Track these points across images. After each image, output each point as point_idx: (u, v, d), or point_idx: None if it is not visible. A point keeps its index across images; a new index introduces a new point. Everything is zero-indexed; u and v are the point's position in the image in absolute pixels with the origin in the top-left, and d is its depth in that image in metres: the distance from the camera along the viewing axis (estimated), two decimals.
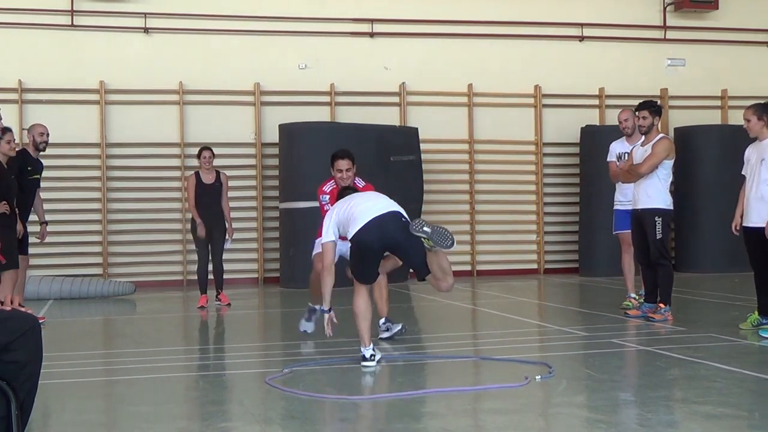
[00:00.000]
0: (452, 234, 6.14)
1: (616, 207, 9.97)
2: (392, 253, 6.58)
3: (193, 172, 11.34)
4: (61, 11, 14.03)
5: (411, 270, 6.41)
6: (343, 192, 7.13)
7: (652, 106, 8.96)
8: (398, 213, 6.48)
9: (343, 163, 7.59)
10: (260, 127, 14.54)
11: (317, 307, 7.60)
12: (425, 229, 6.02)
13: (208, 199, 10.88)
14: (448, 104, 15.27)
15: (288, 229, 13.47)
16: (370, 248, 6.43)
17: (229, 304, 10.89)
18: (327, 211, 7.04)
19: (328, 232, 6.58)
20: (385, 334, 7.72)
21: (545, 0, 15.67)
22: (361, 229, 6.36)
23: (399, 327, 7.81)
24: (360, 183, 7.80)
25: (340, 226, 6.57)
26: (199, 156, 11.08)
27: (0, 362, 3.73)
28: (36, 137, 9.70)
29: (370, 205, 6.51)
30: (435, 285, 6.66)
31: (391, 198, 6.77)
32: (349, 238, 6.47)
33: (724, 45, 16.28)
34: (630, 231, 9.29)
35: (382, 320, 7.75)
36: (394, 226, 6.38)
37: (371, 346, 6.49)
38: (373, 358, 6.44)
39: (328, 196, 7.66)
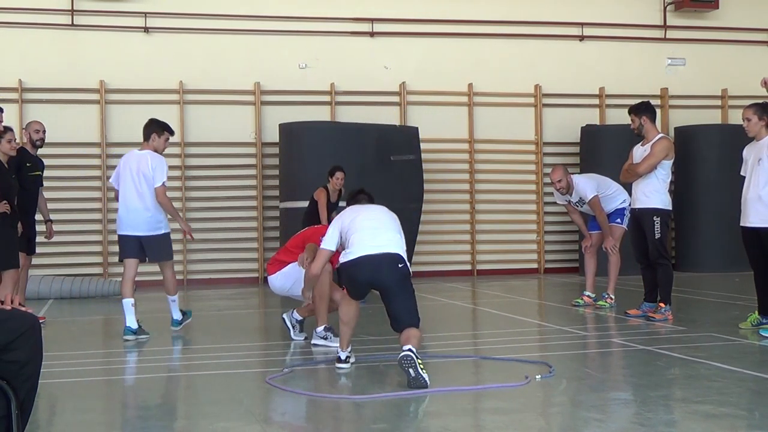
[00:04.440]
0: (428, 383, 5.68)
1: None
2: (381, 293, 6.32)
3: (322, 186, 10.99)
4: (61, 11, 14.03)
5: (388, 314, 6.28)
6: (356, 195, 6.99)
7: (636, 109, 9.02)
8: (396, 256, 6.20)
9: (341, 175, 7.42)
10: (260, 127, 14.55)
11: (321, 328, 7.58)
12: (410, 370, 5.70)
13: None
14: (448, 104, 15.27)
15: (288, 228, 13.44)
16: (359, 282, 6.31)
17: None
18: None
19: (329, 241, 6.51)
20: (320, 342, 7.53)
21: (545, 0, 15.68)
22: (353, 261, 6.20)
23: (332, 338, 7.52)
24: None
25: (342, 235, 6.48)
26: (332, 175, 10.86)
27: (0, 362, 3.73)
28: (32, 134, 9.69)
29: (371, 233, 6.29)
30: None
31: (392, 204, 6.75)
32: (341, 261, 6.33)
33: (724, 45, 16.28)
34: (597, 232, 10.07)
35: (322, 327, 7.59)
36: (387, 271, 6.15)
37: (348, 349, 6.49)
38: (348, 360, 6.46)
39: None
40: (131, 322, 8.30)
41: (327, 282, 7.35)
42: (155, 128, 8.83)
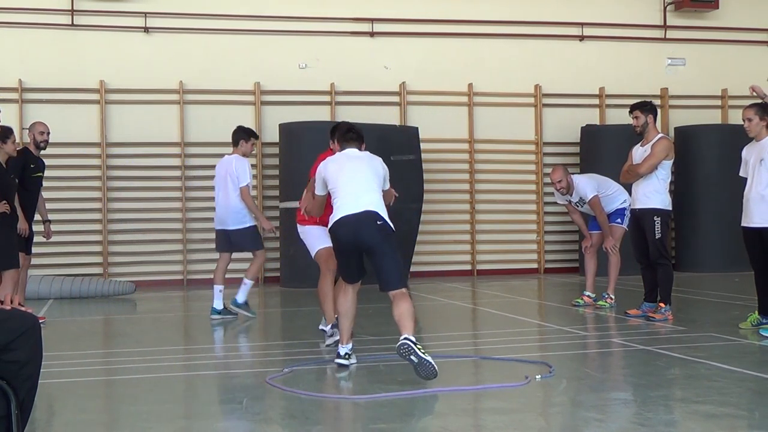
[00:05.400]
0: (437, 371, 5.72)
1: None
2: (366, 255, 6.42)
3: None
4: (61, 11, 14.03)
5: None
6: (345, 134, 6.99)
7: (643, 106, 9.01)
8: (374, 214, 6.32)
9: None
10: (260, 127, 14.54)
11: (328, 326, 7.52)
12: (412, 357, 5.73)
13: None
14: (448, 104, 15.27)
15: (288, 228, 13.45)
16: (344, 244, 6.42)
17: None
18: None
19: (317, 189, 6.73)
20: (329, 340, 7.48)
21: (545, 0, 15.68)
22: (336, 222, 6.37)
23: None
24: None
25: (327, 184, 6.60)
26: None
27: (0, 362, 3.73)
28: (36, 136, 9.69)
29: (352, 192, 6.42)
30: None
31: (374, 155, 6.81)
32: (329, 226, 6.51)
33: (724, 45, 16.28)
34: (597, 232, 10.10)
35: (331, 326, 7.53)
36: (367, 228, 6.28)
37: (349, 345, 6.52)
38: (347, 356, 6.48)
39: None
40: (217, 304, 9.67)
41: (330, 281, 7.35)
42: (242, 135, 9.93)
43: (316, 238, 7.49)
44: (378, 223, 6.29)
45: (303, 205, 7.22)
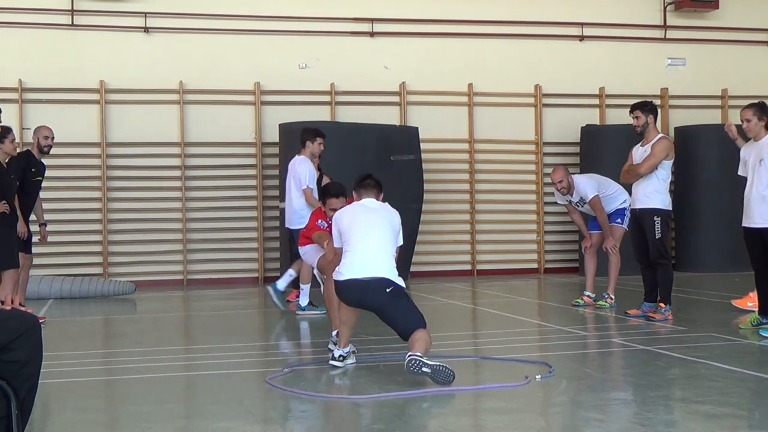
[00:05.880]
0: (453, 372, 5.74)
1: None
2: (376, 313, 6.32)
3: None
4: (61, 11, 14.03)
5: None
6: (362, 181, 6.84)
7: (644, 106, 9.01)
8: (384, 281, 6.15)
9: (338, 203, 7.37)
10: (260, 127, 14.55)
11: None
12: (424, 369, 5.71)
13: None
14: (448, 104, 15.27)
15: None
16: (347, 302, 6.35)
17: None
18: (316, 228, 7.54)
19: (335, 241, 6.67)
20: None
21: (545, 0, 15.68)
22: (342, 283, 6.26)
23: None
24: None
25: (341, 235, 6.54)
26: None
27: (0, 362, 3.73)
28: (41, 140, 9.68)
29: (362, 256, 6.26)
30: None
31: (391, 207, 6.62)
32: (334, 278, 6.41)
33: (724, 45, 16.28)
34: (597, 232, 10.11)
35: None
36: (376, 295, 6.14)
37: (346, 349, 6.51)
38: (342, 359, 6.47)
39: (325, 223, 7.63)
40: (303, 301, 9.85)
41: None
42: (308, 135, 10.03)
43: (314, 253, 7.75)
44: (387, 290, 6.15)
45: (329, 256, 7.01)
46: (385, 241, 6.38)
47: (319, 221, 7.72)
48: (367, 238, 6.33)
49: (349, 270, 6.24)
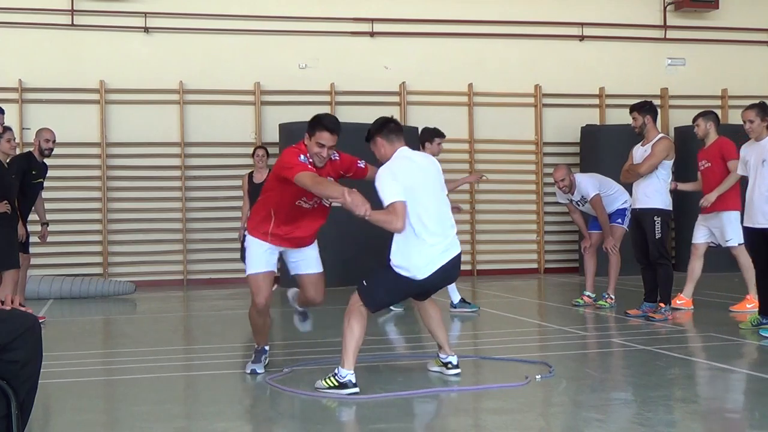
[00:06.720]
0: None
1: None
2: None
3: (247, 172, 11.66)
4: (61, 11, 14.03)
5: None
6: (386, 125, 5.90)
7: (641, 107, 9.01)
8: (460, 258, 5.88)
9: (330, 140, 6.19)
10: (260, 127, 14.55)
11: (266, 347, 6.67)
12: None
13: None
14: (448, 104, 15.26)
15: None
16: (420, 288, 5.68)
17: None
18: (302, 165, 5.90)
19: (397, 192, 5.43)
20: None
21: (545, 0, 15.68)
22: (421, 281, 5.54)
23: None
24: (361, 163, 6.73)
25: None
26: (253, 155, 11.65)
27: (0, 362, 3.73)
28: (42, 143, 9.69)
29: (438, 222, 5.60)
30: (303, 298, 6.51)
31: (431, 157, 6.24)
32: (397, 269, 5.49)
33: (724, 45, 16.28)
34: (597, 232, 10.17)
35: None
36: (453, 277, 5.94)
37: (351, 371, 5.54)
38: (351, 385, 5.50)
39: (308, 161, 6.13)
40: (453, 297, 9.77)
41: (259, 311, 6.65)
42: (426, 136, 9.80)
43: (258, 258, 6.36)
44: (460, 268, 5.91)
45: (357, 207, 5.38)
46: (448, 205, 6.04)
47: (302, 157, 6.16)
48: (436, 202, 5.72)
49: (430, 252, 5.51)
